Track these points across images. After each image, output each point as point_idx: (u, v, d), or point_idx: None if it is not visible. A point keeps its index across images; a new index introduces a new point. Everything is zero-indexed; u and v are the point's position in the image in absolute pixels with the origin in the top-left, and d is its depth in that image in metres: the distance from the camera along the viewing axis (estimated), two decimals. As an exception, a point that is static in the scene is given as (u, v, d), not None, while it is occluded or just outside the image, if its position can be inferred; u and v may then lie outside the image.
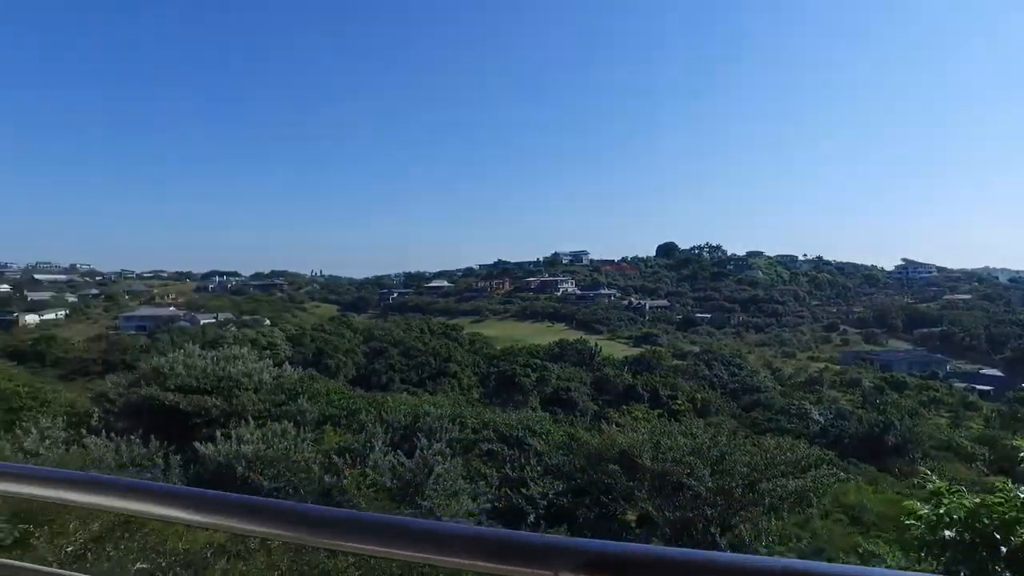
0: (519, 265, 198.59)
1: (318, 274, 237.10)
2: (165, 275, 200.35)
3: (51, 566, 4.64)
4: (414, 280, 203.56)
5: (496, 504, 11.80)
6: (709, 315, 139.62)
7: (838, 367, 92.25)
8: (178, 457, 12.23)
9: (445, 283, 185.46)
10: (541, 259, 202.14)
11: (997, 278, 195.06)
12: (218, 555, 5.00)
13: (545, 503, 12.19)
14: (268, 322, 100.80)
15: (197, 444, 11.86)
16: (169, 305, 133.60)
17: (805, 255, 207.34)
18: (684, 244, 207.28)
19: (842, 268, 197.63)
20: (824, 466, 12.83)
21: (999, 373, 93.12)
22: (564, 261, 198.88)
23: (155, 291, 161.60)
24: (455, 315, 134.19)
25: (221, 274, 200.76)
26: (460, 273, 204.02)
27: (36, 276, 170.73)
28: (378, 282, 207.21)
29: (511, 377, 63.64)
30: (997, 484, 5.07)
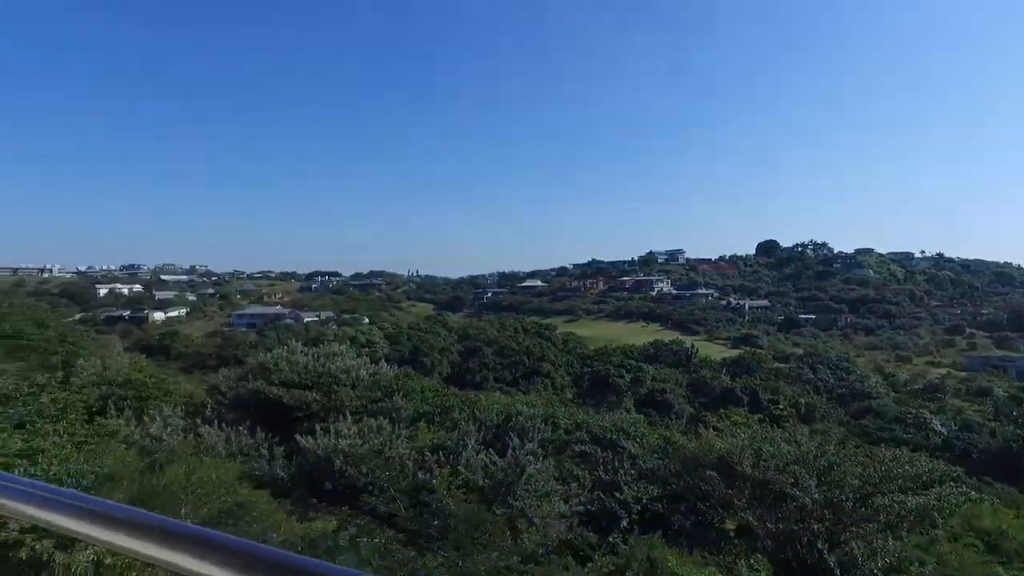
0: (613, 264, 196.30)
1: (414, 274, 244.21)
2: (272, 275, 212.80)
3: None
4: (508, 280, 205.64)
5: (588, 507, 11.57)
6: (813, 316, 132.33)
7: (963, 374, 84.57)
8: (281, 448, 12.82)
9: (539, 283, 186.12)
10: (635, 258, 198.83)
11: None
12: (312, 548, 5.14)
13: (639, 508, 11.84)
14: (367, 320, 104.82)
15: (298, 437, 12.39)
16: (276, 304, 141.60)
17: (923, 252, 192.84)
18: (786, 242, 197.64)
19: (967, 266, 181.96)
20: (951, 483, 11.71)
21: None
22: (659, 260, 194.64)
23: (263, 291, 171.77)
24: (548, 314, 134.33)
25: (323, 274, 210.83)
26: (554, 272, 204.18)
27: (162, 277, 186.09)
28: (472, 282, 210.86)
29: (605, 377, 62.94)
30: None
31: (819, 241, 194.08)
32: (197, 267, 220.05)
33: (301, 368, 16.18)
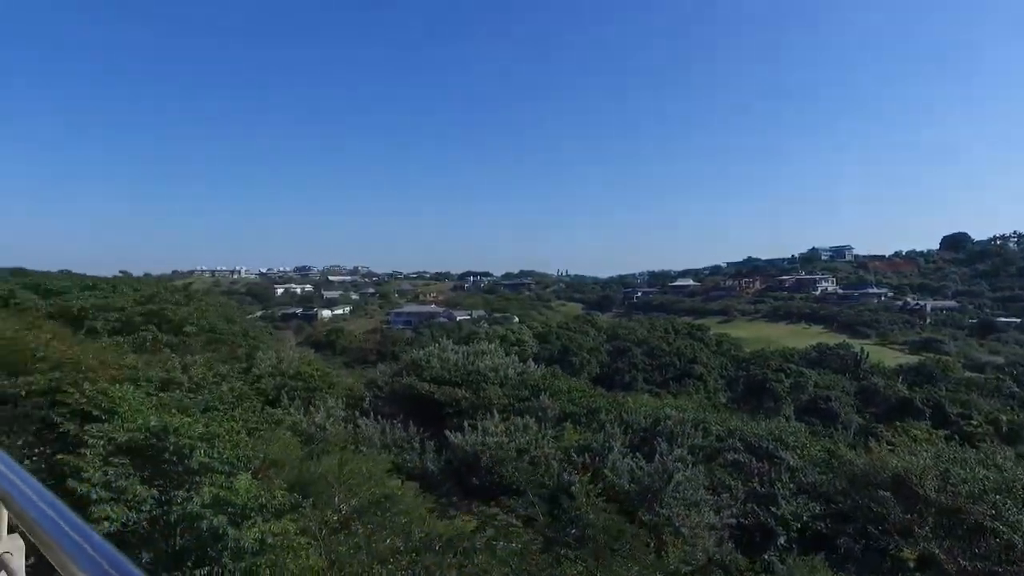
0: (770, 262, 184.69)
1: (564, 273, 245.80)
2: (427, 275, 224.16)
3: (320, 531, 5.34)
4: (658, 279, 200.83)
5: (741, 520, 10.90)
6: (1017, 320, 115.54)
7: None
8: (432, 443, 13.39)
9: (691, 282, 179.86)
10: (796, 255, 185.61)
11: None
12: (449, 547, 5.27)
13: (798, 526, 10.95)
14: (516, 319, 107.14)
15: (448, 433, 12.87)
16: (430, 303, 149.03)
17: None
18: (978, 234, 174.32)
19: None
20: None
21: None
22: (823, 257, 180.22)
23: (419, 290, 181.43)
24: (701, 315, 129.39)
25: (475, 274, 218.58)
26: (707, 271, 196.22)
27: (330, 277, 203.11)
28: (622, 281, 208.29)
29: (762, 382, 59.36)
30: None
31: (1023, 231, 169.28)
32: (360, 268, 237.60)
33: (452, 365, 16.82)
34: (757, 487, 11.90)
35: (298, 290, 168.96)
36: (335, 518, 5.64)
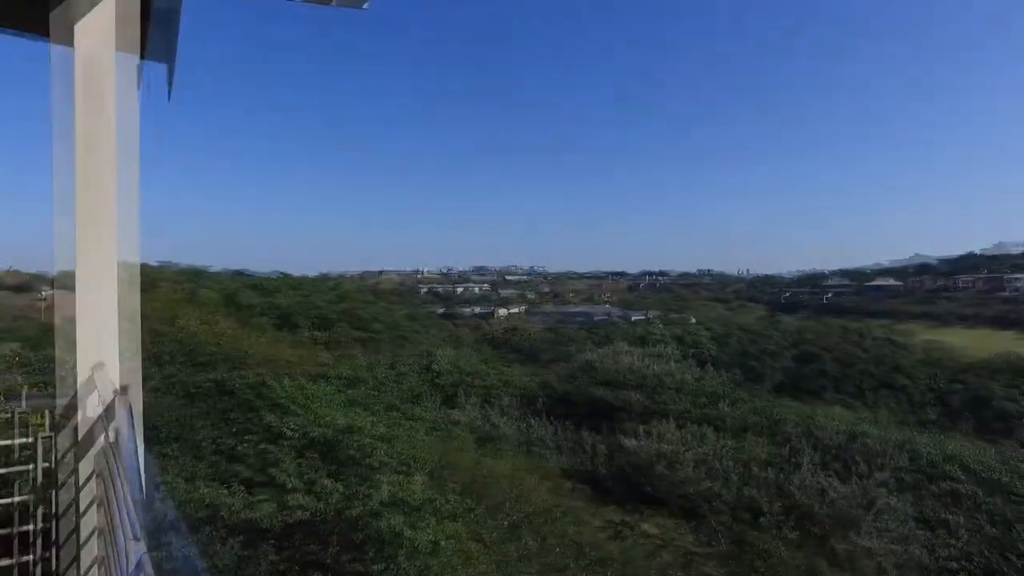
0: (994, 258, 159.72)
1: (746, 272, 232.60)
2: (602, 274, 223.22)
3: (489, 536, 5.38)
4: (853, 277, 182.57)
5: (966, 564, 9.33)
6: None
7: None
8: (604, 447, 13.17)
9: (891, 281, 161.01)
10: (977, 251, 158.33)
11: None
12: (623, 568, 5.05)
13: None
14: (694, 320, 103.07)
15: (622, 437, 12.57)
16: (604, 303, 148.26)
17: None
18: None
19: None
20: None
21: None
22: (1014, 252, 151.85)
23: (593, 290, 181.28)
24: (904, 318, 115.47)
25: (651, 273, 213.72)
26: (912, 269, 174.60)
27: (507, 276, 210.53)
28: (811, 280, 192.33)
29: (986, 399, 51.46)
30: None
31: None
32: (535, 267, 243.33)
33: (625, 368, 16.50)
34: (986, 526, 10.17)
35: (476, 289, 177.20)
36: (506, 524, 5.66)
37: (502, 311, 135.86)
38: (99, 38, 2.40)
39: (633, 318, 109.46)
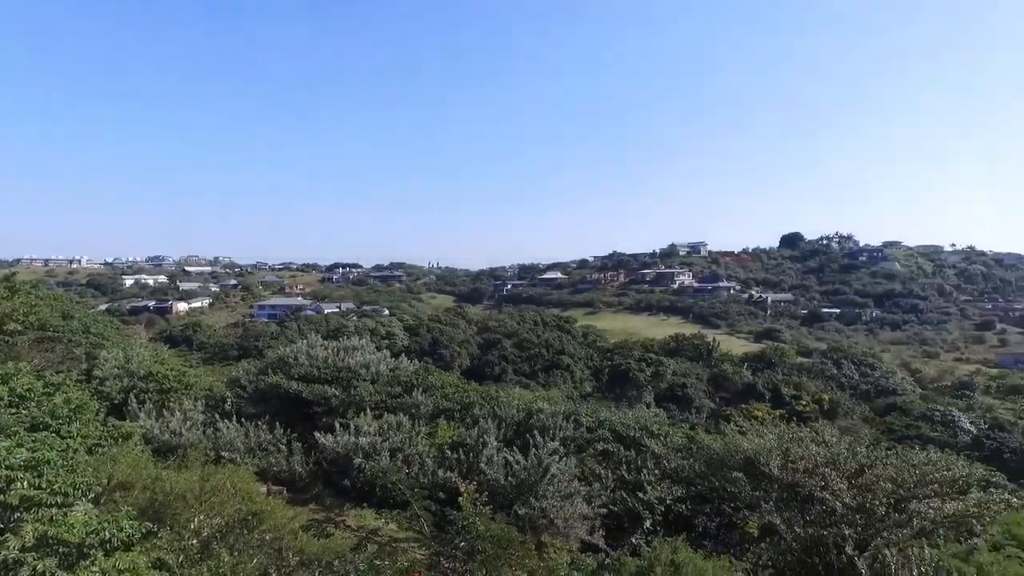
0: (634, 257, 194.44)
1: (435, 265, 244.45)
2: (294, 266, 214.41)
3: (177, 560, 4.77)
4: (528, 272, 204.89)
5: (611, 508, 11.37)
6: (838, 310, 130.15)
7: (995, 371, 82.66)
8: (300, 444, 12.74)
9: (559, 275, 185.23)
10: (657, 250, 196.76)
11: None
12: (329, 570, 4.96)
13: (663, 509, 11.60)
14: (387, 312, 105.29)
15: (317, 434, 12.28)
16: (297, 295, 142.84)
17: (953, 245, 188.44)
18: (811, 234, 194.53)
19: (1000, 259, 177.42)
20: (992, 488, 11.27)
21: None
22: (681, 252, 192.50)
23: (285, 281, 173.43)
24: (569, 307, 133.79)
25: (344, 265, 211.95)
26: (574, 265, 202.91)
27: (187, 268, 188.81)
28: (492, 274, 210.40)
29: (625, 371, 62.51)
30: None
31: (845, 233, 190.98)
32: (221, 258, 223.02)
33: (321, 362, 16.09)
34: (625, 475, 12.46)
35: (150, 281, 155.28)
36: (194, 542, 5.09)
37: (182, 305, 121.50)
38: None
39: (327, 310, 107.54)
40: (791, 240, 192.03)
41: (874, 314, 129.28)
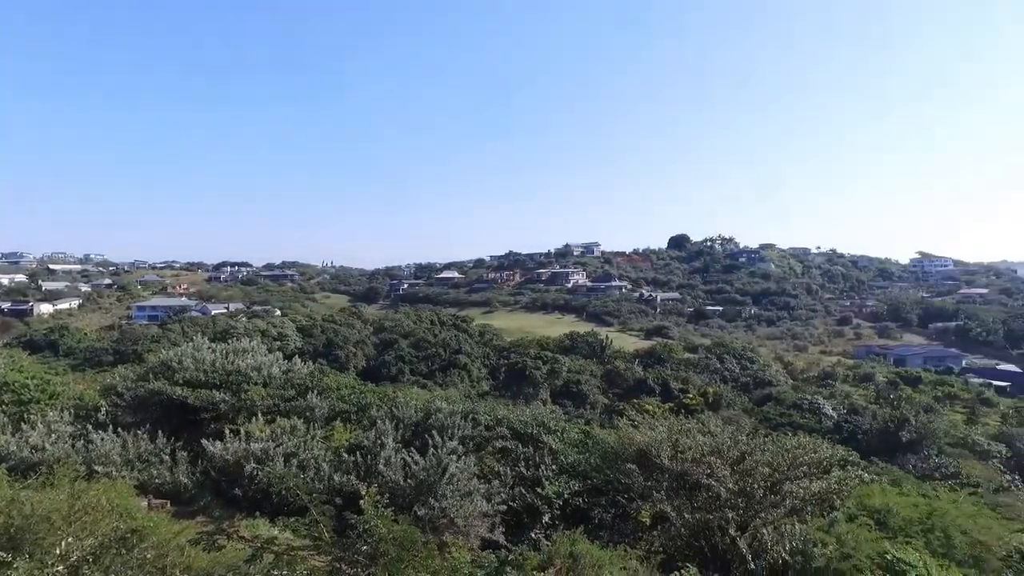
0: (530, 256, 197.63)
1: (329, 264, 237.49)
2: (177, 265, 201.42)
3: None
4: (424, 271, 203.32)
5: (511, 504, 11.52)
6: (720, 308, 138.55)
7: (851, 361, 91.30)
8: (185, 453, 11.99)
9: (455, 274, 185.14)
10: (552, 250, 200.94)
11: (1015, 272, 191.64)
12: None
13: (560, 503, 11.90)
14: (279, 312, 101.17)
15: (205, 442, 11.59)
16: (181, 295, 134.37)
17: (818, 248, 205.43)
18: (696, 236, 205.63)
19: (856, 261, 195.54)
20: (848, 467, 12.48)
21: (1017, 369, 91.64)
22: (575, 252, 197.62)
23: (167, 281, 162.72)
24: (465, 306, 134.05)
25: (232, 264, 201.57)
26: (471, 264, 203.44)
27: (51, 266, 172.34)
28: (388, 273, 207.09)
29: (521, 369, 63.43)
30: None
31: (727, 236, 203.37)
32: (92, 256, 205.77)
33: (208, 365, 15.19)
34: (524, 471, 12.65)
35: (5, 280, 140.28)
36: (60, 568, 4.59)
37: (46, 307, 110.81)
38: None
39: (214, 311, 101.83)
40: (678, 241, 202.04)
41: (752, 311, 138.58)
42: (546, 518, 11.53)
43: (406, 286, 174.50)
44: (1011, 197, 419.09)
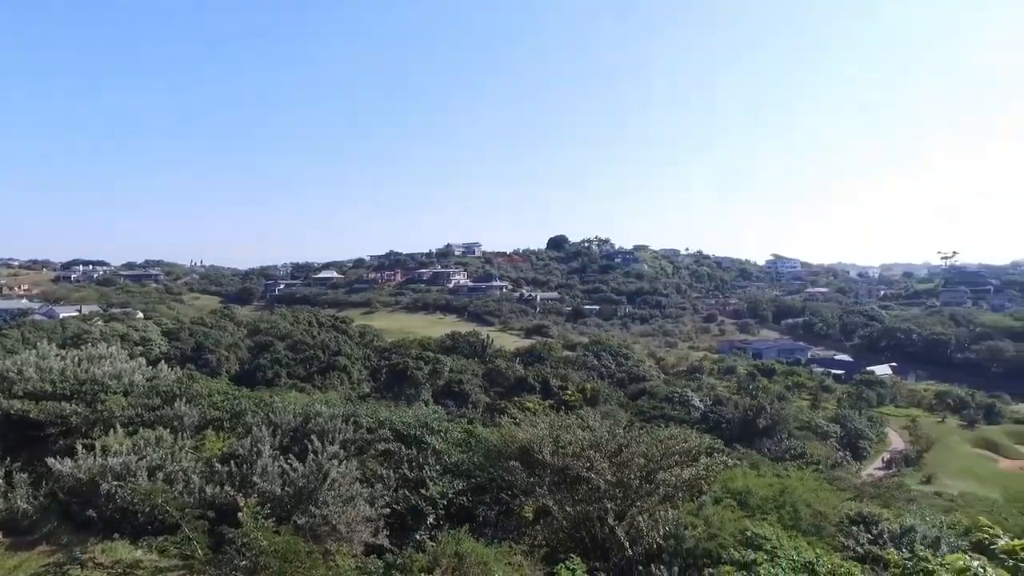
0: (411, 256, 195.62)
1: (198, 264, 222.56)
2: (16, 263, 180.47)
3: None
4: (302, 271, 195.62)
5: (395, 507, 11.36)
6: (597, 307, 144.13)
7: (716, 356, 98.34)
8: (25, 475, 10.76)
9: (335, 274, 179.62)
10: (433, 250, 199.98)
11: (848, 272, 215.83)
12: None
13: (445, 503, 11.89)
14: (141, 315, 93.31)
15: (50, 460, 10.42)
16: (21, 296, 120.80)
17: (687, 249, 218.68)
18: (574, 237, 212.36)
19: (720, 262, 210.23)
20: (714, 454, 13.47)
21: (849, 358, 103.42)
22: (457, 253, 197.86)
23: (3, 281, 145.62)
24: (345, 307, 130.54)
25: (85, 263, 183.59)
26: (350, 264, 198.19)
27: None
28: (263, 273, 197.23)
29: (403, 370, 62.71)
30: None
31: (603, 237, 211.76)
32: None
33: (56, 375, 13.75)
34: (407, 473, 12.51)
35: None
36: None
37: None
38: None
39: (63, 314, 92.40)
40: (557, 242, 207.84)
41: (627, 310, 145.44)
42: (431, 519, 11.48)
43: (282, 286, 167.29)
44: (844, 202, 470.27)
